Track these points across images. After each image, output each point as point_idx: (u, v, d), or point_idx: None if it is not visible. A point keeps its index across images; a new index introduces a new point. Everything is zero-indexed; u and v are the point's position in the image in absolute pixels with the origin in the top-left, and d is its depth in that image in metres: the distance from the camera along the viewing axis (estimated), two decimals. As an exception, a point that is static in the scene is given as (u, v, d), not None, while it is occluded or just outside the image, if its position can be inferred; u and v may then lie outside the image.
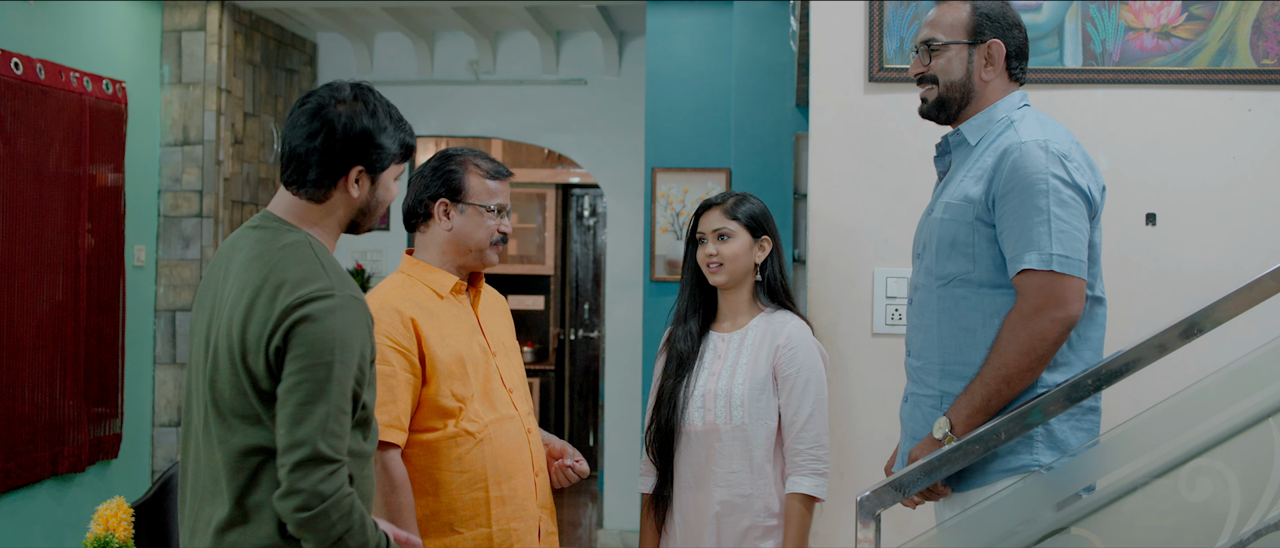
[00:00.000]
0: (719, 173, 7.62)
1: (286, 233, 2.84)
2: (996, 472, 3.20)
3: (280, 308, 2.69)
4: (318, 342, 2.67)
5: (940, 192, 3.44)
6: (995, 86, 3.39)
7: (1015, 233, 3.15)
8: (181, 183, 7.76)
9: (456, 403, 3.50)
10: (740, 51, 7.34)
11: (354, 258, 9.42)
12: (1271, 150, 4.29)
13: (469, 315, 3.70)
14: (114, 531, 4.24)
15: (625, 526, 9.06)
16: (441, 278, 3.66)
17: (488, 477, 3.53)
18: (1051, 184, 3.13)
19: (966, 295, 3.26)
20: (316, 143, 2.82)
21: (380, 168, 2.89)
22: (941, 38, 3.38)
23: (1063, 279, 3.10)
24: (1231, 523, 2.88)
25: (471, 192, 3.64)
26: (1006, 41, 3.37)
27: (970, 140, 3.38)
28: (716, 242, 3.90)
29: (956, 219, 3.28)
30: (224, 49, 7.87)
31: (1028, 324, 3.10)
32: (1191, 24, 4.31)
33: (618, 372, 9.24)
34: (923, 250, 3.43)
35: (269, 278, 2.74)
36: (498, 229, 3.66)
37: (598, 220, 12.08)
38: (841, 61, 4.45)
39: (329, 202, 2.87)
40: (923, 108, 3.46)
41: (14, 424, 6.21)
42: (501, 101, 9.51)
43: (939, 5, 3.45)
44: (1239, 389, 2.96)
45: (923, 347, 3.40)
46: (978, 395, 3.14)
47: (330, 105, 2.84)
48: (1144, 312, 4.16)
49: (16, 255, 6.21)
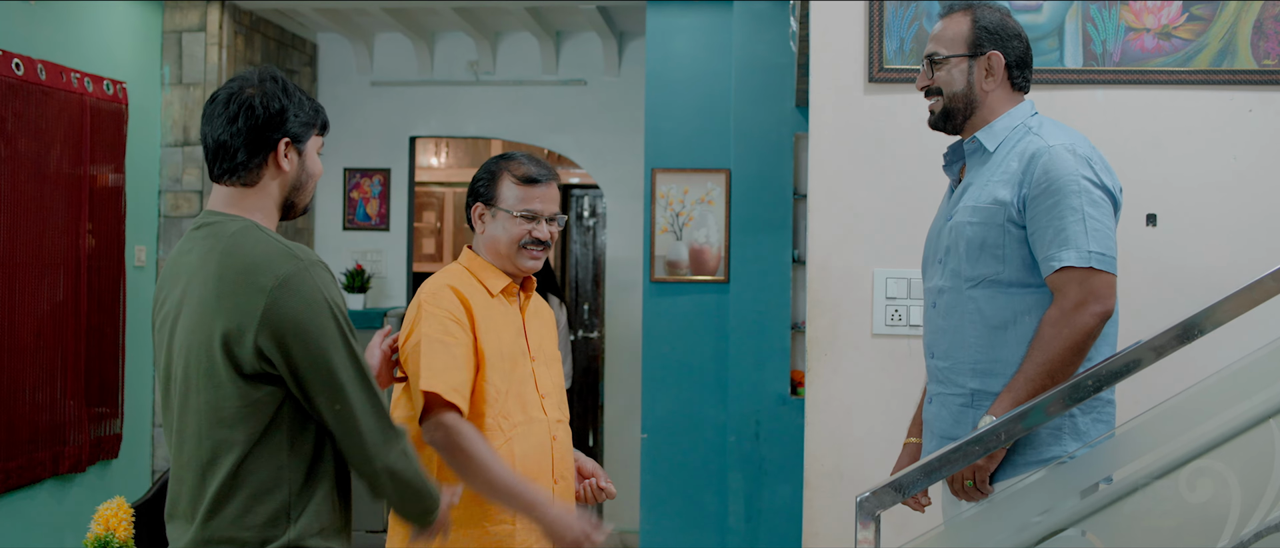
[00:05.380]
0: (719, 173, 7.61)
1: (230, 223, 2.90)
2: (1025, 464, 3.29)
3: (260, 289, 2.76)
4: (310, 311, 2.79)
5: (959, 197, 3.50)
6: (998, 96, 3.49)
7: (1050, 232, 3.24)
8: (182, 183, 7.77)
9: (495, 393, 3.53)
10: (740, 52, 7.34)
11: (354, 258, 9.42)
12: (1272, 151, 4.29)
13: (516, 317, 3.71)
14: (114, 531, 4.24)
15: (625, 524, 9.05)
16: (494, 276, 3.70)
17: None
18: (1083, 185, 3.24)
19: (995, 295, 3.35)
20: (238, 125, 2.91)
21: (304, 139, 3.00)
22: (943, 52, 3.49)
23: (1100, 275, 3.20)
24: (1232, 524, 2.88)
25: (501, 197, 3.68)
26: (1006, 52, 3.47)
27: (988, 147, 3.46)
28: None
29: (986, 221, 3.36)
30: (224, 50, 7.87)
31: (1070, 319, 3.19)
32: (1192, 24, 4.31)
33: (617, 372, 9.24)
34: (945, 255, 3.49)
35: (228, 267, 2.81)
36: (529, 234, 3.66)
37: (597, 221, 12.07)
38: (841, 62, 4.45)
39: (262, 183, 2.95)
40: (930, 119, 3.56)
41: (15, 424, 6.22)
42: (501, 102, 9.52)
43: (943, 20, 3.55)
44: (1240, 390, 2.96)
45: (950, 348, 3.46)
46: (1022, 390, 3.18)
47: (242, 92, 2.94)
48: (1145, 312, 4.16)
49: (17, 255, 6.21)
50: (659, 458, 7.58)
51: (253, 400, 2.79)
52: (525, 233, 3.66)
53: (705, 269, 7.63)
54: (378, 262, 9.51)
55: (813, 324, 4.49)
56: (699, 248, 7.63)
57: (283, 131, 2.95)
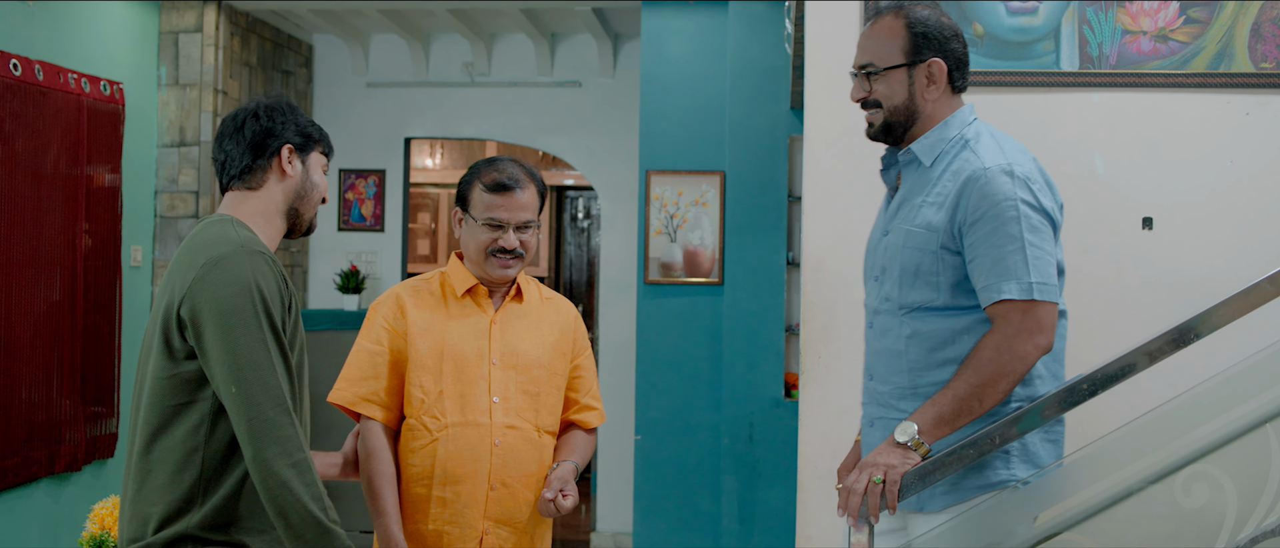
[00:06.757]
0: (713, 175, 7.62)
1: (216, 218, 3.01)
2: (970, 488, 3.17)
3: (194, 266, 2.85)
4: (229, 290, 2.82)
5: (894, 212, 3.37)
6: (941, 104, 3.32)
7: (989, 262, 3.10)
8: (178, 183, 7.77)
9: (421, 395, 3.55)
10: (735, 54, 7.34)
11: (349, 259, 9.43)
12: (1270, 154, 4.28)
13: (482, 320, 3.69)
14: (110, 529, 4.25)
15: (618, 527, 9.06)
16: (461, 278, 3.70)
17: (434, 475, 3.54)
18: (1021, 210, 3.10)
19: (931, 319, 3.23)
20: (243, 133, 3.05)
21: (308, 149, 3.11)
22: (878, 63, 3.31)
23: (1043, 306, 3.07)
24: (1228, 530, 2.88)
25: (473, 202, 3.68)
26: (946, 57, 3.30)
27: (924, 160, 3.31)
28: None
29: (920, 247, 3.22)
30: (220, 51, 7.87)
31: (1011, 346, 3.05)
32: (1189, 27, 4.31)
33: (611, 374, 9.24)
34: (881, 274, 3.37)
35: (185, 249, 2.95)
36: (494, 242, 3.64)
37: (592, 223, 12.09)
38: (836, 64, 4.45)
39: (265, 187, 3.06)
40: (869, 131, 3.39)
41: (10, 423, 6.22)
42: (496, 103, 9.52)
43: (873, 25, 3.35)
44: (1236, 395, 2.96)
45: (888, 371, 3.34)
46: (947, 407, 3.07)
47: (250, 110, 3.08)
48: (1140, 316, 4.16)
49: (14, 255, 6.21)
50: (653, 460, 7.58)
51: (178, 376, 2.85)
52: (491, 241, 3.63)
53: (699, 271, 7.64)
54: (372, 262, 9.51)
55: (807, 327, 4.48)
56: (693, 250, 7.64)
57: (287, 138, 3.06)
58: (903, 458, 3.03)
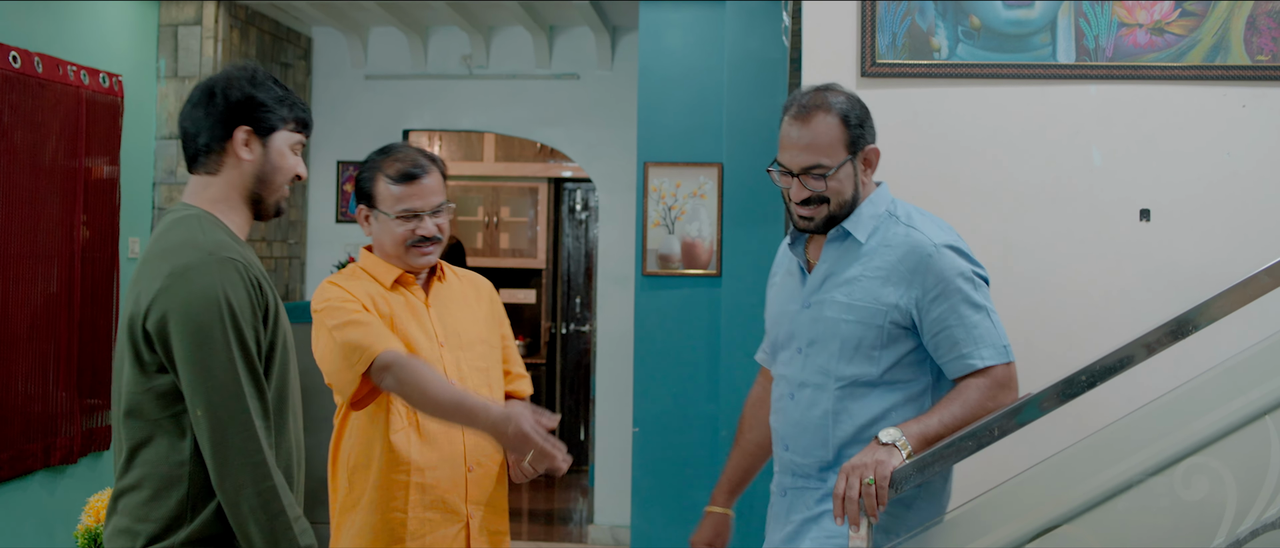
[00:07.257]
0: (711, 167, 7.61)
1: (182, 210, 2.91)
2: (913, 525, 3.24)
3: (159, 275, 2.76)
4: (196, 304, 2.73)
5: (819, 286, 3.39)
6: (868, 184, 3.41)
7: (960, 333, 3.19)
8: (176, 176, 7.77)
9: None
10: (733, 46, 7.33)
11: (346, 251, 9.42)
12: (1266, 147, 4.29)
13: (418, 305, 3.69)
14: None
15: (616, 520, 9.06)
16: (385, 270, 3.68)
17: (411, 462, 3.54)
18: (976, 282, 3.24)
19: (865, 394, 3.27)
20: (200, 111, 2.93)
21: (266, 128, 2.95)
22: (827, 162, 3.33)
23: (1012, 365, 3.21)
24: (1228, 522, 2.89)
25: (379, 197, 3.66)
26: (874, 139, 3.39)
27: (859, 237, 3.34)
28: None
29: (865, 321, 3.25)
30: (220, 43, 7.87)
31: (995, 396, 3.15)
32: (1185, 20, 4.31)
33: (609, 366, 9.24)
34: (808, 347, 3.37)
35: (148, 253, 2.84)
36: (413, 233, 3.63)
37: (589, 214, 12.08)
38: (834, 57, 4.45)
39: (223, 172, 2.94)
40: (809, 226, 3.40)
41: (6, 416, 6.21)
42: (494, 96, 9.52)
43: (804, 125, 3.38)
44: (1235, 386, 2.97)
45: (811, 444, 3.35)
46: (934, 427, 3.10)
47: (215, 82, 2.95)
48: (1137, 308, 4.17)
49: (12, 247, 6.21)
50: (650, 452, 7.58)
51: (152, 390, 2.77)
52: (409, 233, 3.62)
53: (697, 263, 7.63)
54: (369, 255, 9.49)
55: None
56: (691, 242, 7.63)
57: (243, 121, 2.92)
58: (889, 456, 3.04)
